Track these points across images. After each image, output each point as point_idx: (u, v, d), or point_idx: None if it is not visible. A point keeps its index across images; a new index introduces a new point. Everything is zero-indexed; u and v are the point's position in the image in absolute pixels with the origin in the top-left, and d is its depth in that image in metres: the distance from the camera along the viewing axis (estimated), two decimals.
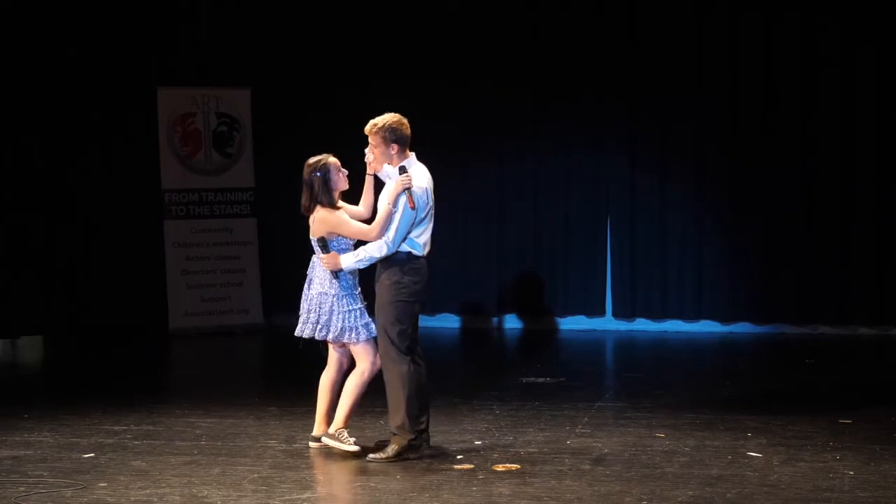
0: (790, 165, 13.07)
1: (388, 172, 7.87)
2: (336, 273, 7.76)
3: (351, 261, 7.74)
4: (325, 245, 7.76)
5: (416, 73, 13.60)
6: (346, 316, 7.77)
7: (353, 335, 7.78)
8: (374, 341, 7.79)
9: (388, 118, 7.81)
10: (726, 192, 13.23)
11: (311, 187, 7.78)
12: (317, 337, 7.85)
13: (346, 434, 7.80)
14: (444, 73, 13.62)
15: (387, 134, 7.75)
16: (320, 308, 7.79)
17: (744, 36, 13.13)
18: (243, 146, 13.82)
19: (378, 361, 7.76)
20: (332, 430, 7.83)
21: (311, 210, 7.82)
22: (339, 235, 7.76)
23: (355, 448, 7.74)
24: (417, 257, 7.73)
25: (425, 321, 13.75)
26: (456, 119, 13.62)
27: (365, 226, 7.80)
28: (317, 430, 8.00)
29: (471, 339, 13.67)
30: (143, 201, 13.53)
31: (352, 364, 7.93)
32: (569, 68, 13.45)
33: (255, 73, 13.82)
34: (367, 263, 7.73)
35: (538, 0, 13.58)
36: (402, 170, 7.72)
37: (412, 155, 7.83)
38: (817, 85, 12.99)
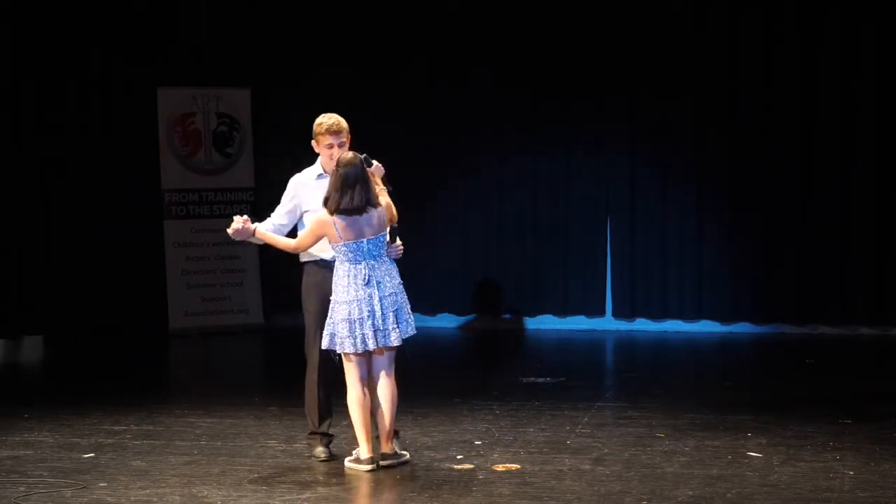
0: (790, 165, 13.07)
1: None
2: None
3: None
4: (394, 232, 7.53)
5: (416, 73, 13.60)
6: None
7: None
8: None
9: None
10: (726, 192, 13.23)
11: (368, 181, 7.41)
12: (411, 333, 7.51)
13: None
14: (444, 73, 13.62)
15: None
16: (400, 302, 7.48)
17: (744, 35, 13.13)
18: (243, 146, 13.83)
19: None
20: (389, 450, 7.52)
21: (373, 204, 7.42)
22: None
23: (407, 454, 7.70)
24: None
25: (425, 321, 13.81)
26: (456, 119, 13.61)
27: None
28: (387, 446, 7.56)
29: (470, 339, 13.67)
30: (143, 201, 13.52)
31: None
32: (569, 68, 13.44)
33: (255, 73, 13.82)
34: None
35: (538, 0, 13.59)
36: (367, 160, 7.66)
37: None
38: (817, 84, 12.99)
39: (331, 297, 7.50)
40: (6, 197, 13.08)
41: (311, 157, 7.93)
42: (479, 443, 8.17)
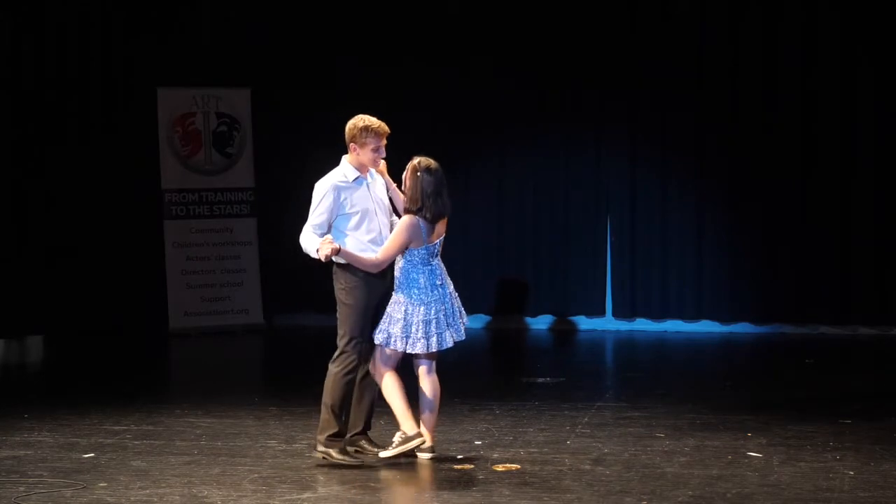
0: (790, 165, 13.08)
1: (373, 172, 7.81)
2: None
3: None
4: None
5: (417, 74, 13.59)
6: None
7: None
8: None
9: None
10: (726, 192, 13.24)
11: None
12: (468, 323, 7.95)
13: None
14: (445, 74, 13.61)
15: None
16: (457, 297, 7.85)
17: (744, 35, 13.14)
18: (243, 146, 13.82)
19: None
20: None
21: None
22: None
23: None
24: None
25: None
26: (456, 119, 13.62)
27: None
28: (433, 439, 7.70)
29: (470, 340, 13.61)
30: (143, 201, 13.52)
31: None
32: (569, 68, 13.46)
33: (255, 73, 13.82)
34: None
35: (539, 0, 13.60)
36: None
37: None
38: (817, 84, 13.00)
39: (399, 297, 7.55)
40: (6, 196, 13.08)
41: (312, 156, 7.90)
42: (479, 443, 8.17)
